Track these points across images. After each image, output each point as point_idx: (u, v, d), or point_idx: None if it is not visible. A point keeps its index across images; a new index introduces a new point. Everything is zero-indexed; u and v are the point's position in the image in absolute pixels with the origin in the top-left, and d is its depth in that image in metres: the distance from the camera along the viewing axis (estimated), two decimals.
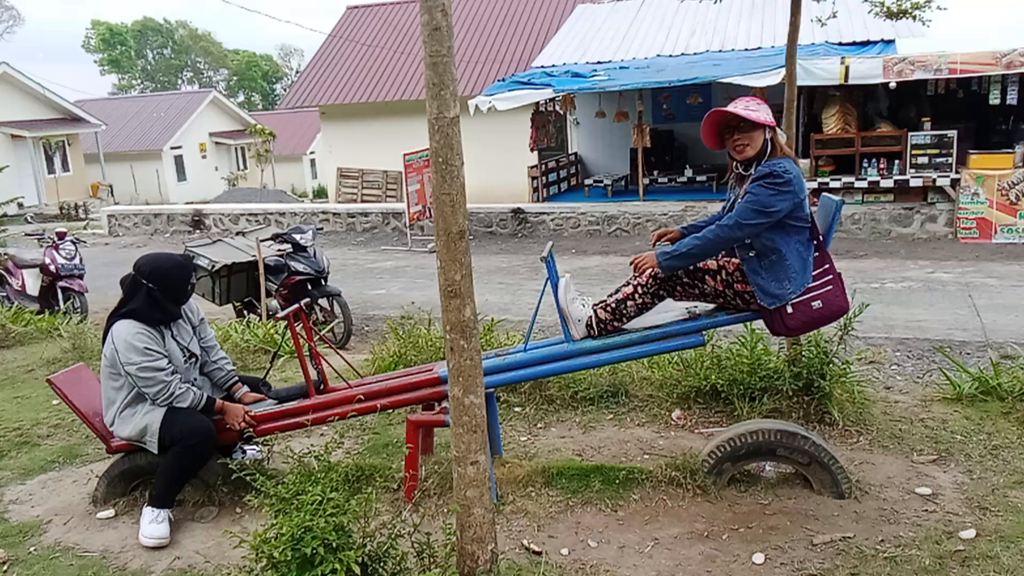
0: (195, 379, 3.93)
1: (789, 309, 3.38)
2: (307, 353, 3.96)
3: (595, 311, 3.66)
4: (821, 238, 3.46)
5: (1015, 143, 11.02)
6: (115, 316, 3.78)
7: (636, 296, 3.61)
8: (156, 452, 3.73)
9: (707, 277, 3.56)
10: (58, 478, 4.39)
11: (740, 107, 3.40)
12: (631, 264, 3.66)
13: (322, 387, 4.01)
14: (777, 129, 3.44)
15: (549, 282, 3.69)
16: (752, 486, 3.77)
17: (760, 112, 3.39)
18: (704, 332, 3.70)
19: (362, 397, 3.82)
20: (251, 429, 3.87)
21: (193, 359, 3.94)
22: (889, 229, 11.47)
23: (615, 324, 3.65)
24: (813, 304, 3.38)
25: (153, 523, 3.65)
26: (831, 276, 3.43)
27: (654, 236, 3.81)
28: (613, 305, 3.64)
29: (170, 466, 3.69)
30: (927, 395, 4.88)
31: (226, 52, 60.49)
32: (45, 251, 8.83)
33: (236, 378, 4.13)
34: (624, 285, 3.69)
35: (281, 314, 3.92)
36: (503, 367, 3.77)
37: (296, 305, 3.96)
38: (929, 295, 8.18)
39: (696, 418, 4.63)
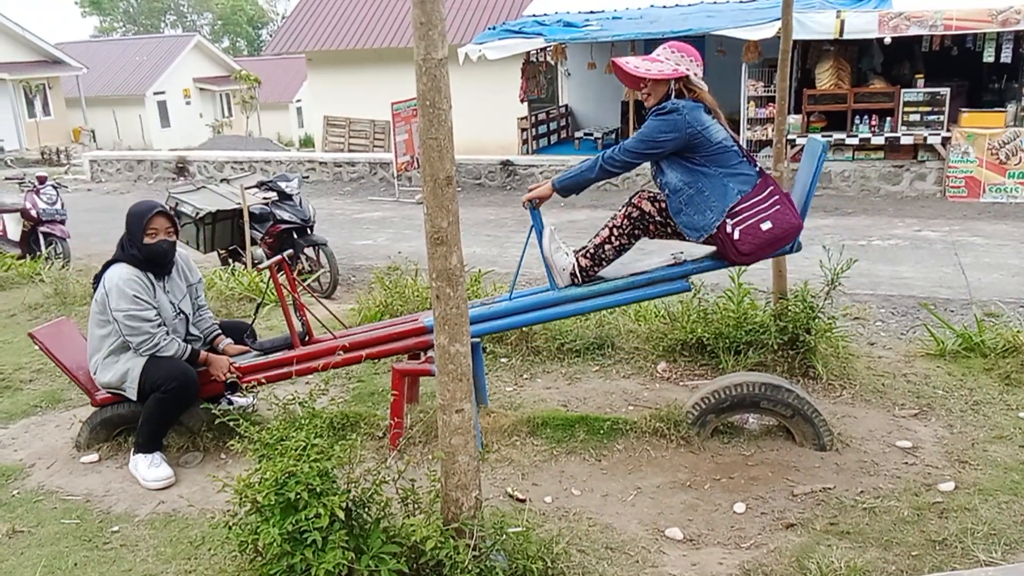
0: (183, 335, 3.88)
1: (736, 235, 3.35)
2: (291, 304, 3.92)
3: (577, 259, 3.64)
4: (758, 167, 3.44)
5: (1007, 102, 10.96)
6: (110, 261, 3.74)
7: (612, 239, 3.60)
8: (135, 399, 3.71)
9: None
10: (41, 423, 4.37)
11: (636, 63, 3.45)
12: (525, 200, 3.64)
13: (307, 338, 3.98)
14: (692, 76, 3.42)
15: (534, 231, 3.66)
16: (735, 438, 3.80)
17: (655, 66, 3.41)
18: (689, 278, 3.68)
19: (347, 346, 3.80)
20: (236, 380, 3.85)
21: (183, 316, 3.89)
22: (878, 187, 11.45)
23: (596, 269, 3.65)
24: (762, 226, 3.35)
25: (151, 467, 3.66)
26: (777, 197, 3.39)
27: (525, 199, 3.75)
28: (592, 250, 3.63)
29: (151, 412, 3.67)
30: (910, 351, 4.92)
31: None
32: (26, 196, 8.69)
33: (218, 331, 4.09)
34: (601, 229, 3.68)
35: (264, 265, 3.87)
36: (488, 316, 3.75)
37: (279, 256, 3.91)
38: (915, 253, 8.20)
39: (681, 371, 4.65)
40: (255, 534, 2.52)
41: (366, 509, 2.61)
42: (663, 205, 3.51)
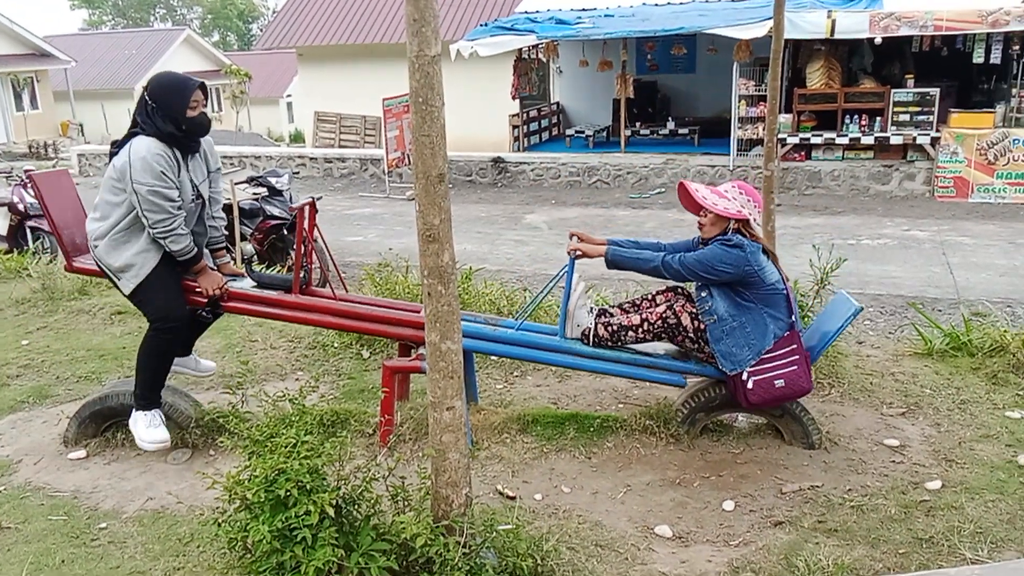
0: (193, 223, 3.74)
1: (750, 384, 3.44)
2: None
3: (596, 324, 3.68)
4: (794, 319, 3.49)
5: (996, 103, 11.03)
6: (133, 130, 3.57)
7: (639, 330, 3.64)
8: (126, 292, 3.61)
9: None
10: (28, 418, 4.34)
11: (704, 193, 3.53)
12: (572, 249, 3.67)
13: (306, 288, 3.93)
14: (752, 221, 3.51)
15: (567, 275, 3.69)
16: (724, 436, 3.82)
17: (722, 202, 3.48)
18: (684, 375, 3.72)
19: (342, 311, 3.73)
20: (219, 300, 3.76)
21: (200, 201, 3.76)
22: (868, 186, 11.50)
23: (608, 344, 3.69)
24: (775, 383, 3.45)
25: (150, 427, 3.61)
26: (797, 357, 3.47)
27: (573, 232, 3.82)
28: (615, 328, 3.66)
29: (147, 353, 3.62)
30: (898, 350, 4.95)
31: None
32: (13, 189, 8.61)
33: (223, 243, 4.00)
34: (632, 309, 3.75)
35: (298, 204, 3.80)
36: (491, 337, 3.77)
37: (310, 198, 3.86)
38: (904, 252, 8.25)
39: None
40: (244, 531, 2.51)
41: (356, 506, 2.61)
42: (701, 327, 3.55)
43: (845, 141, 11.46)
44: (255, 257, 7.25)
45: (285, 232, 7.35)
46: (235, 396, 4.14)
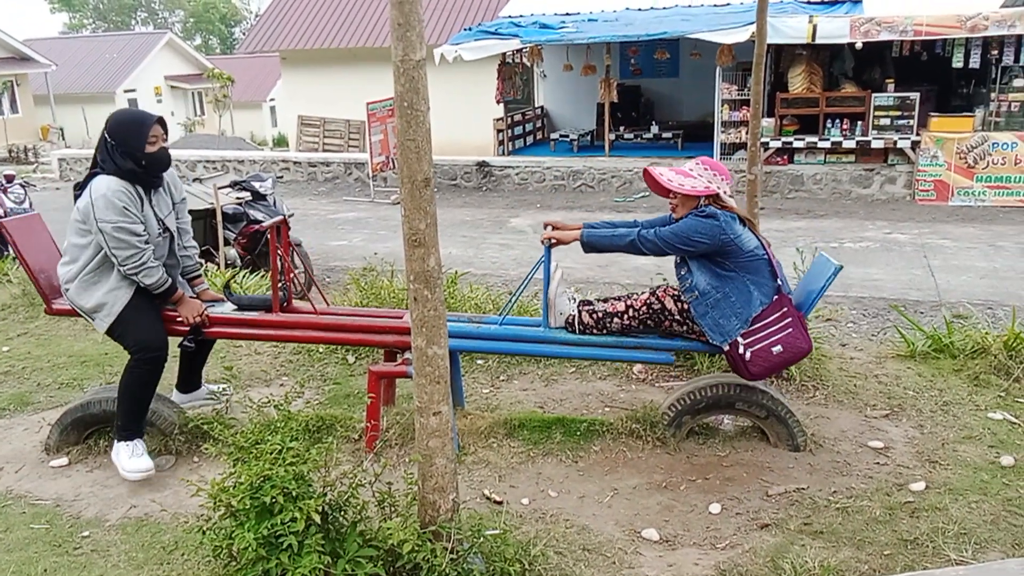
0: (163, 257, 3.72)
1: (748, 356, 3.44)
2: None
3: (580, 311, 3.68)
4: (780, 283, 3.49)
5: (975, 107, 11.15)
6: (94, 170, 3.57)
7: (625, 317, 3.64)
8: (102, 331, 3.60)
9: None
10: (8, 426, 4.29)
11: (669, 176, 3.54)
12: (546, 237, 3.68)
13: (286, 305, 3.91)
14: (723, 194, 3.50)
15: (543, 266, 3.67)
16: (710, 439, 3.83)
17: (688, 181, 3.48)
18: (673, 351, 3.72)
19: (324, 324, 3.72)
20: (200, 327, 3.75)
21: (167, 234, 3.74)
22: (849, 190, 11.59)
23: (593, 331, 3.68)
24: (773, 349, 3.44)
25: (132, 457, 3.58)
26: (790, 319, 3.46)
27: (548, 222, 3.83)
28: (600, 315, 3.66)
29: (127, 385, 3.58)
30: (881, 352, 4.98)
31: None
32: None
33: (199, 272, 3.99)
34: (617, 299, 3.73)
35: (267, 224, 3.80)
36: (475, 335, 3.77)
37: (281, 216, 3.85)
38: (886, 255, 8.32)
39: (657, 372, 4.67)
40: (230, 539, 2.49)
41: (342, 513, 2.60)
42: (685, 306, 3.55)
43: (827, 145, 11.55)
44: (238, 262, 7.20)
45: (268, 237, 7.31)
46: (219, 402, 4.13)
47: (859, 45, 10.84)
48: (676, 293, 3.59)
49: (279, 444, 2.57)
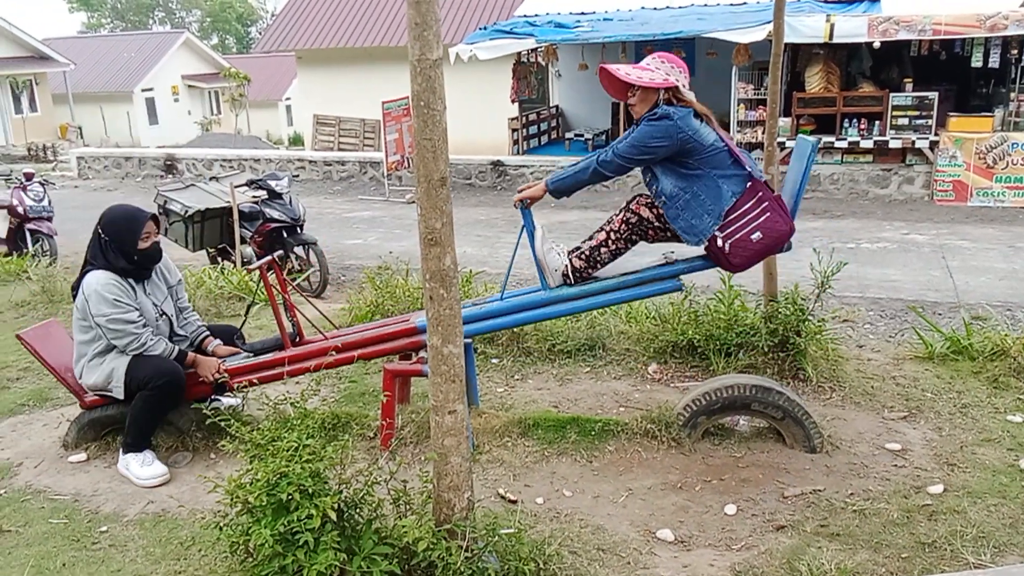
0: (167, 337, 3.86)
1: (727, 248, 3.37)
2: (282, 304, 3.90)
3: (570, 260, 3.65)
4: (749, 170, 3.42)
5: (994, 107, 11.04)
6: (86, 268, 3.71)
7: (609, 242, 3.60)
8: (122, 399, 3.69)
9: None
10: (28, 421, 4.33)
11: (627, 70, 3.45)
12: (516, 199, 3.64)
13: (297, 339, 3.96)
14: (681, 87, 3.42)
15: (525, 231, 3.65)
16: (726, 439, 3.81)
17: (646, 74, 3.40)
18: (681, 277, 3.68)
19: (339, 347, 3.78)
20: (225, 382, 3.83)
21: (165, 318, 3.87)
22: (867, 190, 11.51)
23: (590, 271, 3.64)
24: (752, 237, 3.37)
25: (144, 466, 3.64)
26: (766, 204, 3.39)
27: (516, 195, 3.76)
28: (587, 252, 3.63)
29: (139, 410, 3.65)
30: (899, 354, 4.94)
31: None
32: (13, 192, 8.61)
33: (206, 332, 4.05)
34: (597, 231, 3.67)
35: (254, 265, 3.86)
36: (480, 316, 3.75)
37: (270, 257, 3.90)
38: (904, 256, 8.26)
39: (672, 372, 4.66)
40: (246, 535, 2.50)
41: (358, 510, 2.61)
42: (661, 211, 3.51)
43: (844, 145, 11.47)
44: (254, 259, 7.24)
45: (285, 235, 7.35)
46: (237, 399, 4.16)
47: (877, 44, 10.77)
48: (649, 200, 3.54)
49: (295, 441, 2.58)
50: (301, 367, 3.85)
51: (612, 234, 3.60)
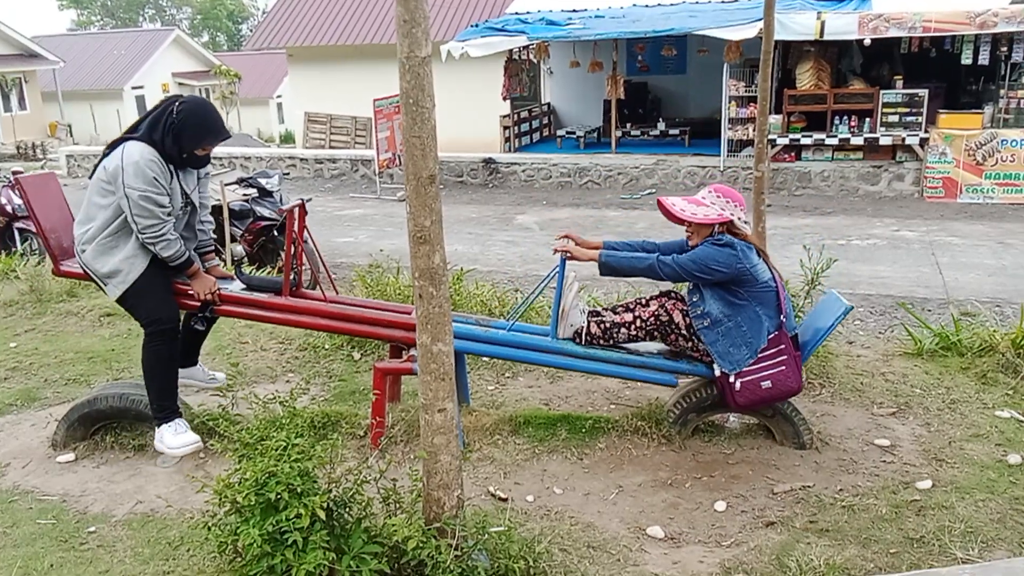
0: (181, 229, 3.74)
1: (738, 386, 3.44)
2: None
3: (589, 323, 3.67)
4: (783, 319, 3.48)
5: (984, 104, 11.09)
6: (126, 136, 3.56)
7: (632, 328, 3.64)
8: (113, 297, 3.61)
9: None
10: (16, 421, 4.30)
11: (682, 206, 3.53)
12: (563, 249, 3.63)
13: (295, 290, 3.92)
14: (736, 220, 3.48)
15: (557, 275, 3.66)
16: (716, 436, 3.82)
17: (701, 210, 3.49)
18: (676, 375, 3.72)
19: (332, 313, 3.74)
20: (212, 303, 3.76)
21: (190, 208, 3.76)
22: (857, 187, 11.55)
23: (601, 342, 3.68)
24: (762, 384, 3.45)
25: (177, 434, 3.62)
26: (785, 357, 3.46)
27: (566, 234, 3.79)
28: (608, 325, 3.65)
29: (150, 364, 3.61)
30: (888, 350, 4.96)
31: None
32: (1, 191, 8.56)
33: (211, 247, 4.00)
34: (624, 310, 3.71)
35: (287, 206, 3.80)
36: (483, 338, 3.75)
37: (300, 200, 3.86)
38: (893, 252, 8.28)
39: None
40: (235, 535, 2.50)
41: (347, 509, 2.60)
42: (691, 321, 3.55)
43: (835, 142, 11.51)
44: (245, 259, 7.22)
45: (275, 233, 7.33)
46: (225, 398, 4.14)
47: (867, 41, 10.80)
48: (685, 309, 3.58)
49: (284, 440, 2.57)
50: (292, 319, 3.80)
51: (638, 321, 3.63)
